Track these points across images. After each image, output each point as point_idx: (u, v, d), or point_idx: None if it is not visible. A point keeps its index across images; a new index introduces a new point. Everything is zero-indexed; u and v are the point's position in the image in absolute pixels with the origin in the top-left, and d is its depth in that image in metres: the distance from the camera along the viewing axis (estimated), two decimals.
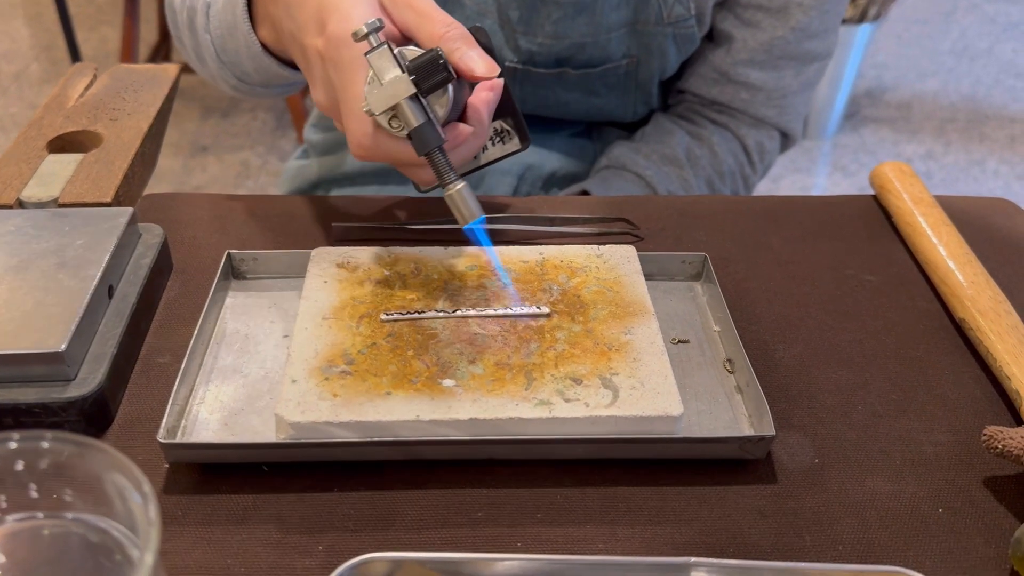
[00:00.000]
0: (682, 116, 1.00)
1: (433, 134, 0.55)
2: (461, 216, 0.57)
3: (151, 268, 0.63)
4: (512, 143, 0.72)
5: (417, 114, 0.55)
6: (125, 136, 0.76)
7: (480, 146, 0.64)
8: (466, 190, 0.57)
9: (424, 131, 0.55)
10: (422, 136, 0.55)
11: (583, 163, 1.06)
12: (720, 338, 0.61)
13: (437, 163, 0.56)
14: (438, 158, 0.56)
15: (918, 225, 0.70)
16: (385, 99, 0.54)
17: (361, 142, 0.58)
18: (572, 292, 0.60)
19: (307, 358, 0.54)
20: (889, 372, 0.60)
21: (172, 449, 0.51)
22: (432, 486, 0.51)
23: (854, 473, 0.53)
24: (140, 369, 0.59)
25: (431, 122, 0.55)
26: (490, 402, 0.51)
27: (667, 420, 0.51)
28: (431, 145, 0.55)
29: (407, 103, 0.54)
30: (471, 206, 0.57)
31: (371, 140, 0.57)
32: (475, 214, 0.57)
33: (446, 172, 0.56)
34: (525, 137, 0.72)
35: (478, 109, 0.61)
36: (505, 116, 0.71)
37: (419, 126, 0.55)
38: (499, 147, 0.72)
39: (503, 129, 0.71)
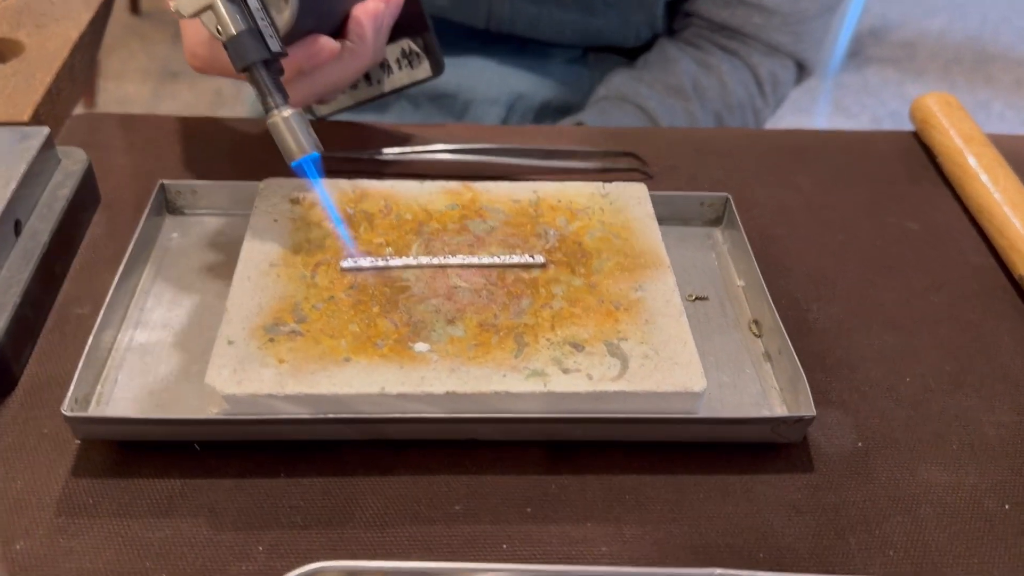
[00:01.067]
0: (689, 42, 0.90)
1: (253, 46, 0.45)
2: (286, 150, 0.46)
3: (70, 200, 0.52)
4: (421, 68, 0.61)
5: (236, 19, 0.45)
6: (51, 45, 0.65)
7: (361, 69, 0.54)
8: (296, 118, 0.46)
9: (241, 41, 0.45)
10: (237, 47, 0.45)
11: (579, 93, 0.95)
12: (745, 295, 0.52)
13: (258, 81, 0.46)
14: (259, 74, 0.45)
15: (968, 166, 0.61)
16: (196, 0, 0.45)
17: (195, 51, 0.49)
18: (572, 238, 0.50)
19: (248, 314, 0.44)
20: (941, 338, 0.51)
21: (81, 424, 0.41)
22: (400, 471, 0.42)
23: (904, 460, 0.45)
24: (53, 322, 0.49)
25: (252, 31, 0.45)
26: (472, 372, 0.42)
27: (686, 397, 0.42)
28: (249, 59, 0.45)
29: (224, 4, 0.44)
30: (300, 139, 0.46)
31: (207, 50, 0.49)
32: (304, 149, 0.46)
33: (269, 94, 0.46)
34: (437, 63, 0.61)
35: (360, 22, 0.52)
36: (414, 35, 0.60)
37: (235, 35, 0.45)
38: (406, 72, 0.62)
39: (411, 51, 0.61)
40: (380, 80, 0.62)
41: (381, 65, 0.62)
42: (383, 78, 0.62)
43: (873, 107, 2.60)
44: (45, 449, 0.42)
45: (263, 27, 0.46)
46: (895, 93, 2.66)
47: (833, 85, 2.67)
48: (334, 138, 0.64)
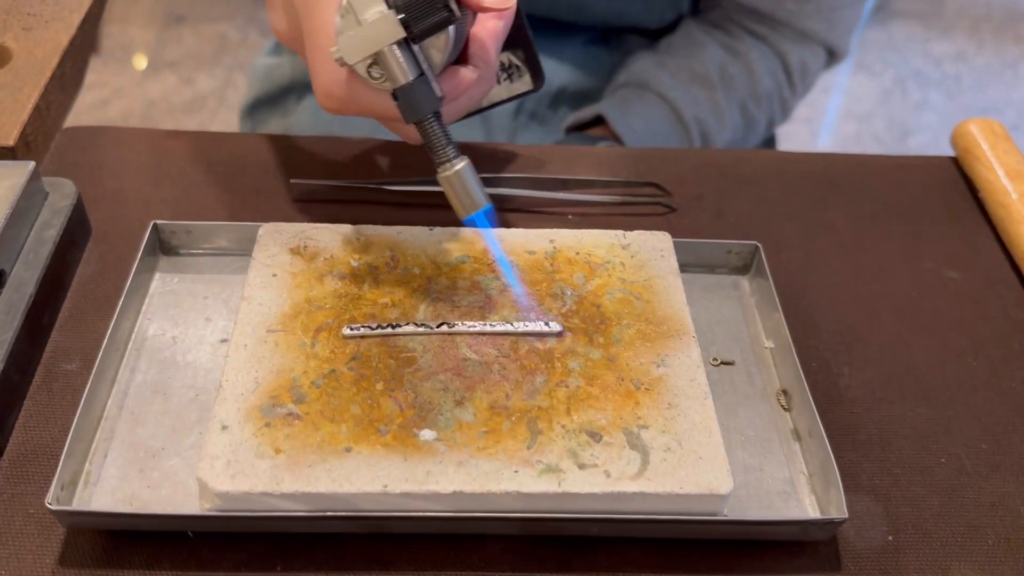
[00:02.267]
0: (716, 25, 0.85)
1: (427, 95, 0.42)
2: (460, 205, 0.44)
3: (58, 242, 0.49)
4: (522, 82, 0.58)
5: (407, 67, 0.41)
6: (39, 52, 0.61)
7: (486, 92, 0.50)
8: (467, 170, 0.43)
9: (414, 92, 0.41)
10: (411, 99, 0.41)
11: (598, 78, 0.91)
12: (773, 359, 0.49)
13: (430, 134, 0.43)
14: (432, 128, 0.42)
15: (1013, 207, 0.57)
16: (364, 45, 0.40)
17: (331, 91, 0.44)
18: (591, 299, 0.47)
19: (244, 391, 0.41)
20: (977, 410, 0.49)
21: (66, 516, 0.39)
22: (403, 566, 0.40)
23: (936, 557, 0.42)
24: (41, 379, 0.46)
25: (424, 78, 0.41)
26: (481, 466, 0.39)
27: (711, 499, 0.39)
28: (424, 111, 0.42)
29: (393, 51, 0.40)
30: (473, 193, 0.43)
31: (344, 90, 0.44)
32: (477, 204, 0.43)
33: (441, 147, 0.43)
34: (538, 75, 0.58)
35: (485, 45, 0.47)
36: (515, 48, 0.57)
37: (408, 84, 0.41)
38: (505, 86, 0.58)
39: (511, 64, 0.57)
40: None
41: None
42: None
43: (897, 65, 2.53)
44: (31, 534, 0.40)
45: (427, 71, 0.42)
46: (919, 51, 2.58)
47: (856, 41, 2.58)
48: (338, 159, 0.60)
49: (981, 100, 2.35)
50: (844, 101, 2.39)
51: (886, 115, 2.32)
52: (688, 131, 0.82)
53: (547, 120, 0.90)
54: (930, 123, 2.28)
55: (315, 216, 0.55)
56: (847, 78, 2.46)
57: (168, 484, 0.41)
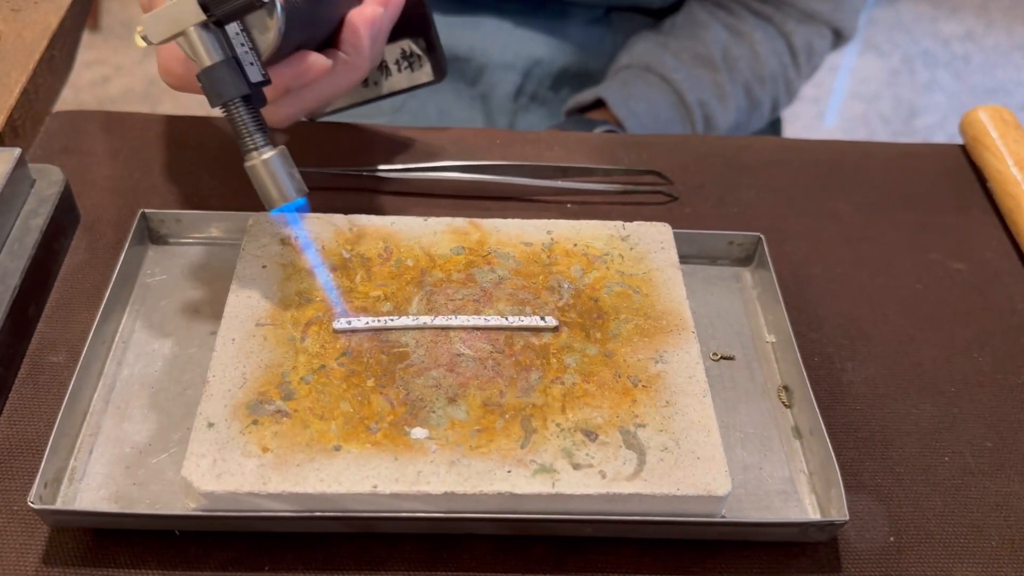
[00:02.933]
0: (720, 5, 0.84)
1: (230, 80, 0.40)
2: (266, 196, 0.41)
3: (45, 230, 0.48)
4: (423, 72, 0.56)
5: (210, 49, 0.40)
6: (28, 34, 0.60)
7: (356, 80, 0.49)
8: (276, 160, 0.41)
9: (216, 75, 0.40)
10: (213, 82, 0.40)
11: (600, 58, 0.89)
12: (774, 353, 0.48)
13: (235, 120, 0.41)
14: (237, 113, 0.40)
15: (1022, 199, 0.56)
16: (166, 25, 0.39)
17: (170, 68, 0.45)
18: (588, 293, 0.46)
19: (231, 387, 0.40)
20: (982, 407, 0.47)
21: (50, 515, 0.38)
22: (393, 566, 0.39)
23: (938, 559, 0.41)
24: (27, 371, 0.45)
25: (229, 62, 0.40)
26: (473, 466, 0.38)
27: (708, 500, 0.38)
28: (226, 95, 0.40)
29: (197, 32, 0.39)
30: (281, 184, 0.41)
31: (183, 68, 0.44)
32: (285, 196, 0.41)
33: (248, 134, 0.41)
34: (440, 69, 0.56)
35: (356, 31, 0.46)
36: (416, 36, 0.55)
37: (209, 67, 0.40)
38: (406, 75, 0.56)
39: (412, 52, 0.55)
40: (377, 82, 0.57)
41: (379, 66, 0.56)
42: (381, 80, 0.57)
43: (905, 45, 2.50)
44: (15, 531, 0.39)
45: (242, 55, 0.41)
46: (928, 30, 2.55)
47: (864, 21, 2.55)
48: (332, 145, 0.59)
49: (990, 81, 2.32)
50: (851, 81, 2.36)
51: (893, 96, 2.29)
52: (691, 113, 0.80)
53: (548, 101, 0.89)
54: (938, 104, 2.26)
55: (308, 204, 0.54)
56: (854, 58, 2.43)
57: (155, 481, 0.40)
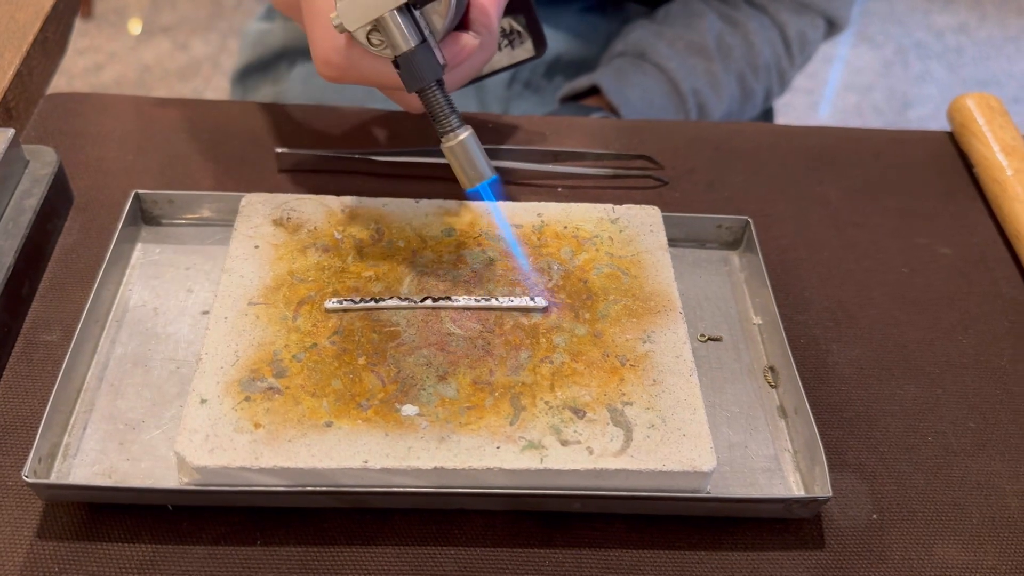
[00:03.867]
0: None
1: (429, 63, 0.41)
2: (464, 175, 0.43)
3: (38, 211, 0.49)
4: (523, 48, 0.56)
5: (408, 33, 0.40)
6: (21, 16, 0.60)
7: (487, 59, 0.49)
8: (471, 140, 0.42)
9: (416, 59, 0.40)
10: (413, 66, 0.40)
11: (594, 46, 0.90)
12: (761, 335, 0.48)
13: (433, 103, 0.42)
14: (435, 96, 0.42)
15: (1008, 184, 0.56)
16: (364, 11, 0.39)
17: (329, 58, 0.43)
18: (577, 274, 0.46)
19: (224, 364, 0.41)
20: (965, 389, 0.48)
21: (45, 489, 0.38)
22: (384, 542, 0.40)
23: (920, 536, 0.42)
24: (20, 349, 0.46)
25: (426, 45, 0.40)
26: (463, 442, 0.39)
27: (694, 476, 0.39)
28: (427, 80, 0.41)
29: (394, 17, 0.39)
30: (478, 163, 0.42)
31: (343, 57, 0.43)
32: (483, 175, 0.43)
33: (445, 116, 0.42)
34: (541, 42, 0.56)
35: (486, 11, 0.46)
36: (516, 13, 0.55)
37: (409, 51, 0.40)
38: (506, 53, 0.57)
39: (512, 30, 0.56)
40: None
41: None
42: None
43: (899, 37, 2.50)
44: (9, 506, 0.40)
45: (429, 37, 0.41)
46: (922, 22, 2.55)
47: (858, 13, 2.56)
48: (325, 128, 0.59)
49: (982, 72, 2.33)
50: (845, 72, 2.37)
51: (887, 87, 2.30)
52: (685, 102, 0.81)
53: (542, 89, 0.89)
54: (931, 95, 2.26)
55: (301, 186, 0.55)
56: (848, 49, 2.44)
57: (148, 457, 0.41)
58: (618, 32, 0.87)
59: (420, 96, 0.42)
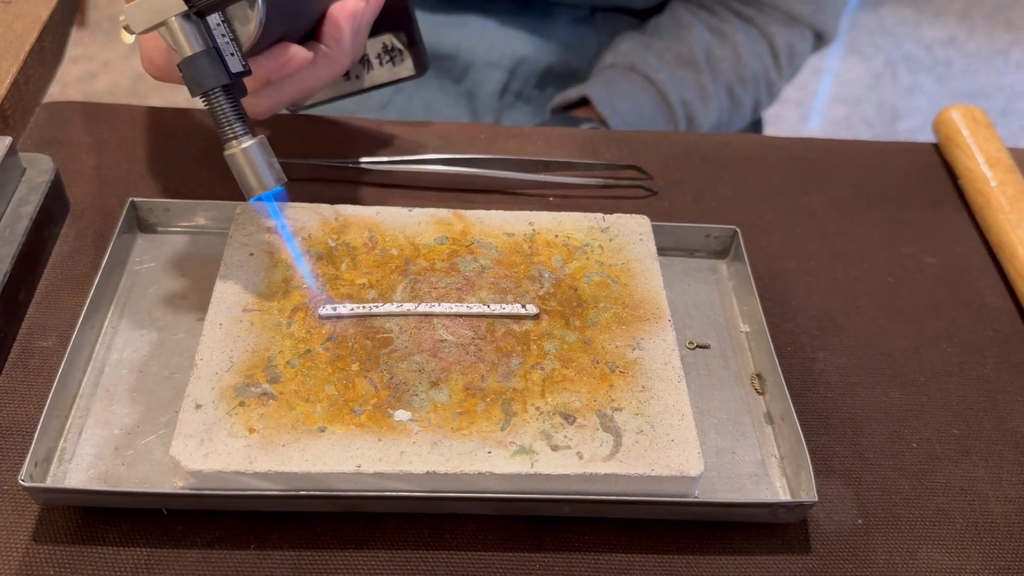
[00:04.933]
0: (703, 6, 0.85)
1: (211, 69, 0.41)
2: (245, 185, 0.42)
3: (35, 218, 0.49)
4: (403, 66, 0.57)
5: (192, 39, 0.40)
6: (18, 26, 0.60)
7: (337, 73, 0.50)
8: (255, 149, 0.42)
9: (196, 65, 0.41)
10: (193, 72, 0.41)
11: (585, 57, 0.91)
12: (748, 343, 0.49)
13: (216, 109, 0.42)
14: (217, 102, 0.41)
15: (992, 196, 0.57)
16: (148, 15, 0.40)
17: (152, 58, 0.46)
18: (568, 282, 0.47)
19: (218, 370, 0.41)
20: (950, 396, 0.49)
21: (40, 493, 0.39)
22: (376, 545, 0.40)
23: (904, 540, 0.43)
24: (16, 355, 0.46)
25: (210, 51, 0.41)
26: (455, 447, 0.39)
27: (682, 481, 0.40)
28: (206, 85, 0.41)
29: (178, 22, 0.40)
30: (260, 172, 0.42)
31: (164, 59, 0.45)
32: (265, 184, 0.42)
33: (228, 123, 0.42)
34: (421, 63, 0.57)
35: (337, 24, 0.47)
36: (397, 31, 0.56)
37: (190, 57, 0.41)
38: (387, 69, 0.58)
39: (393, 47, 0.57)
40: (359, 76, 0.58)
41: (361, 60, 0.58)
42: (362, 74, 0.58)
43: (888, 49, 2.52)
44: (5, 510, 0.40)
45: (223, 45, 0.42)
46: (911, 35, 2.57)
47: (847, 25, 2.58)
48: (319, 137, 0.60)
49: (971, 85, 2.35)
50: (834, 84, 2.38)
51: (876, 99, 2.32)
52: (674, 113, 0.82)
53: (533, 100, 0.90)
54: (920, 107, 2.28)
55: (294, 195, 0.55)
56: (838, 61, 2.46)
57: (143, 462, 0.41)
58: (608, 44, 0.88)
59: (203, 101, 0.42)
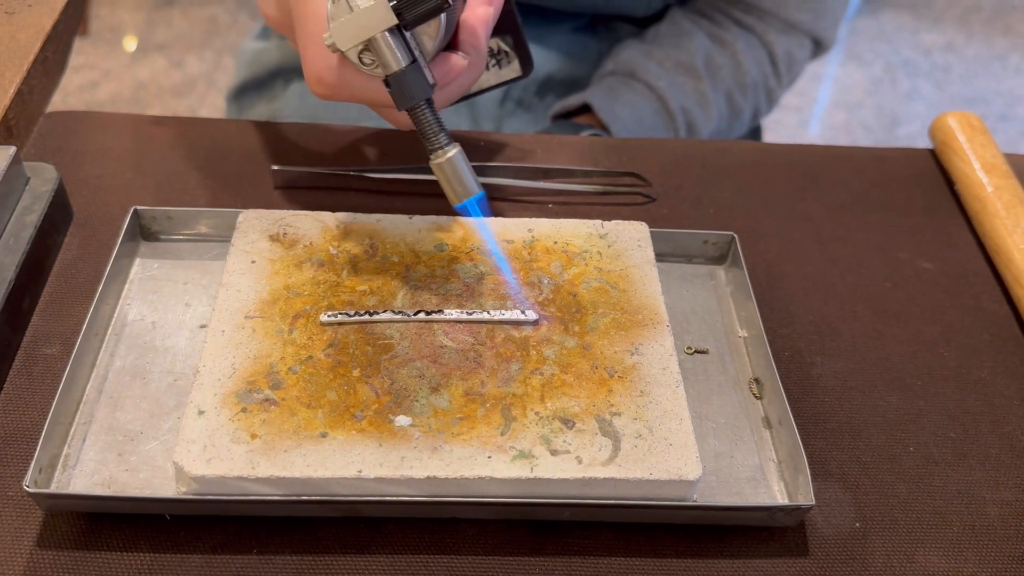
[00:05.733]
0: (703, 14, 0.86)
1: (419, 83, 0.42)
2: (452, 191, 0.44)
3: (39, 227, 0.50)
4: (511, 68, 0.58)
5: (399, 53, 0.41)
6: (22, 37, 0.61)
7: (476, 79, 0.50)
8: (460, 157, 0.44)
9: (407, 79, 0.42)
10: (404, 86, 0.42)
11: (585, 65, 0.92)
12: (746, 347, 0.49)
13: (422, 121, 0.43)
14: (424, 114, 0.43)
15: (988, 201, 0.58)
16: (356, 31, 0.41)
17: (322, 77, 0.44)
18: (567, 288, 0.48)
19: (221, 377, 0.42)
20: (947, 400, 0.49)
21: (45, 499, 0.39)
22: (378, 550, 0.41)
23: (902, 543, 0.43)
24: (21, 362, 0.47)
25: (416, 65, 0.42)
26: (455, 452, 0.40)
27: (680, 484, 0.40)
28: (416, 98, 0.42)
29: (385, 38, 0.41)
30: (465, 180, 0.44)
31: (335, 76, 0.44)
32: (469, 191, 0.44)
33: (434, 133, 0.43)
34: (527, 62, 0.58)
35: (475, 31, 0.47)
36: (503, 34, 0.57)
37: (400, 71, 0.41)
38: (494, 72, 0.58)
39: (500, 50, 0.57)
40: None
41: None
42: None
43: (887, 55, 2.53)
44: (9, 516, 0.41)
45: (418, 57, 0.42)
46: (909, 41, 2.58)
47: (846, 31, 2.59)
48: (320, 146, 0.60)
49: (969, 90, 2.36)
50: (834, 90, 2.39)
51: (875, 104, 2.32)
52: (674, 120, 0.82)
53: (534, 107, 0.90)
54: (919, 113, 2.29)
55: (296, 203, 0.56)
56: (837, 67, 2.47)
57: (146, 468, 0.42)
58: (608, 51, 0.89)
59: (410, 114, 0.43)
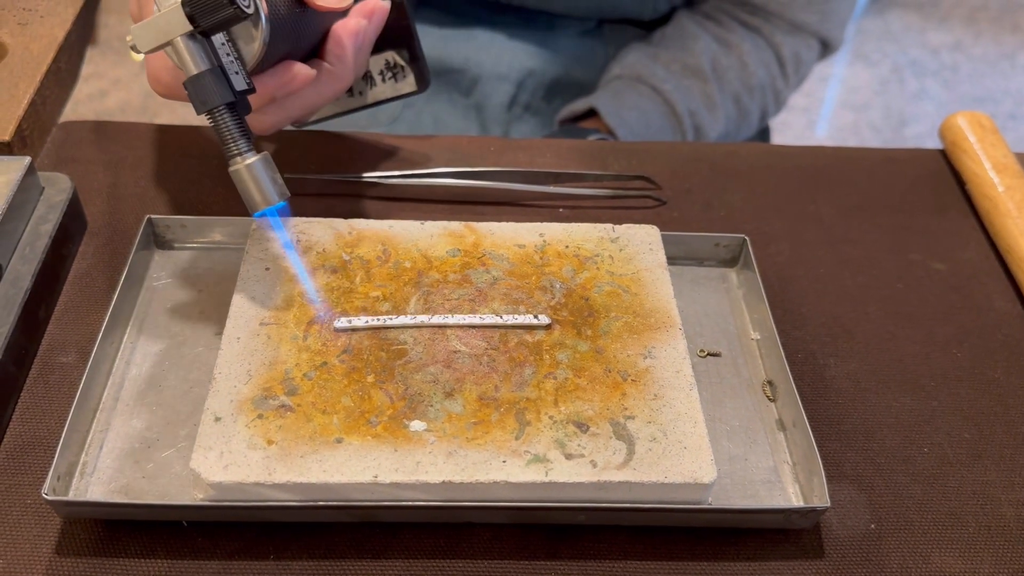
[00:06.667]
0: (709, 16, 0.86)
1: (216, 88, 0.42)
2: (249, 200, 0.43)
3: (54, 236, 0.50)
4: (406, 83, 0.58)
5: (197, 59, 0.41)
6: (35, 47, 0.62)
7: (340, 90, 0.50)
8: (259, 165, 0.42)
9: (201, 83, 0.41)
10: (198, 90, 0.41)
11: (592, 69, 0.92)
12: (759, 350, 0.49)
13: (221, 126, 0.42)
14: (222, 119, 0.42)
15: (999, 201, 0.58)
16: (154, 35, 0.41)
17: (159, 76, 0.46)
18: (579, 292, 0.48)
19: (237, 383, 0.42)
20: (960, 401, 0.49)
21: (63, 506, 0.40)
22: (393, 555, 0.41)
23: (917, 545, 0.43)
24: (37, 371, 0.47)
25: (215, 71, 0.41)
26: (470, 456, 0.40)
27: (695, 488, 0.40)
28: (211, 103, 0.42)
29: (183, 42, 0.41)
30: (264, 188, 0.43)
31: (171, 76, 0.46)
32: (268, 200, 0.43)
33: (232, 139, 0.42)
34: (423, 79, 0.58)
35: (341, 41, 0.48)
36: (399, 48, 0.57)
37: (195, 76, 0.41)
38: (389, 85, 0.58)
39: (395, 64, 0.57)
40: (363, 92, 0.59)
41: (364, 77, 0.58)
42: (365, 90, 0.59)
43: (894, 55, 2.53)
44: (28, 523, 0.41)
45: (227, 64, 0.42)
46: (917, 40, 2.58)
47: (854, 31, 2.59)
48: (332, 153, 0.61)
49: (978, 90, 2.35)
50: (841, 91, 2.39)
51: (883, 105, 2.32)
52: (681, 123, 0.82)
53: (541, 111, 0.91)
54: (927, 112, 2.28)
55: (308, 210, 0.56)
56: (844, 68, 2.46)
57: (163, 475, 0.42)
58: (615, 55, 0.89)
59: (208, 118, 0.43)
